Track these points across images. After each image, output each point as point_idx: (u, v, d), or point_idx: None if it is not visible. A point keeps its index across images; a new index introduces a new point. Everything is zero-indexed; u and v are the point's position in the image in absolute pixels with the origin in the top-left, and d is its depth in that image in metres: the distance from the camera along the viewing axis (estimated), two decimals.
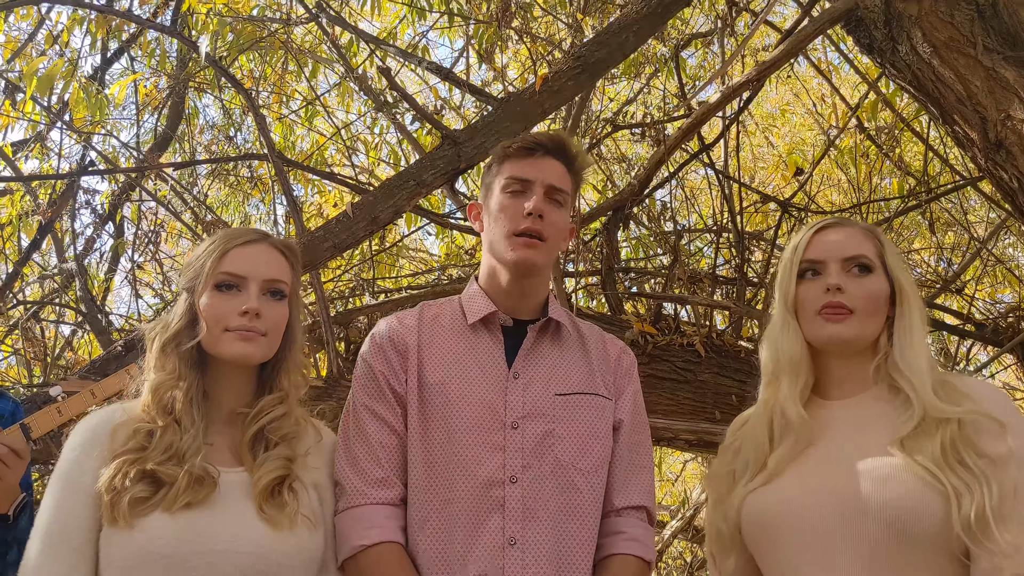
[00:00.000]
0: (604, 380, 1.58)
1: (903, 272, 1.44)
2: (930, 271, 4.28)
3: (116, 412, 1.36)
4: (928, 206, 3.80)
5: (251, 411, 1.39)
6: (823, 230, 1.47)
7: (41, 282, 4.73)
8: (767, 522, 1.34)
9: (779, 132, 6.54)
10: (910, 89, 3.19)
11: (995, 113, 2.92)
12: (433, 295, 3.71)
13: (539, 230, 1.52)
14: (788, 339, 1.44)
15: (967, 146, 3.13)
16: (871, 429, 1.33)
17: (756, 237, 4.43)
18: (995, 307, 4.15)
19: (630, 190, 3.64)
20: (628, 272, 4.26)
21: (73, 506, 1.25)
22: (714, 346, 3.68)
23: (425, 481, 1.45)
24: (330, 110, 5.65)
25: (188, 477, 1.24)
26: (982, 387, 1.36)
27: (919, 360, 1.34)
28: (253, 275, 1.40)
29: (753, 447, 1.41)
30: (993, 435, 1.22)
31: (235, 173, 5.93)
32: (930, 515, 1.19)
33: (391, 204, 2.42)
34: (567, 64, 2.48)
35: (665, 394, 3.68)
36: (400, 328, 1.57)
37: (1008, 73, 2.89)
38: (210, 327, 1.36)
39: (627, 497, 1.52)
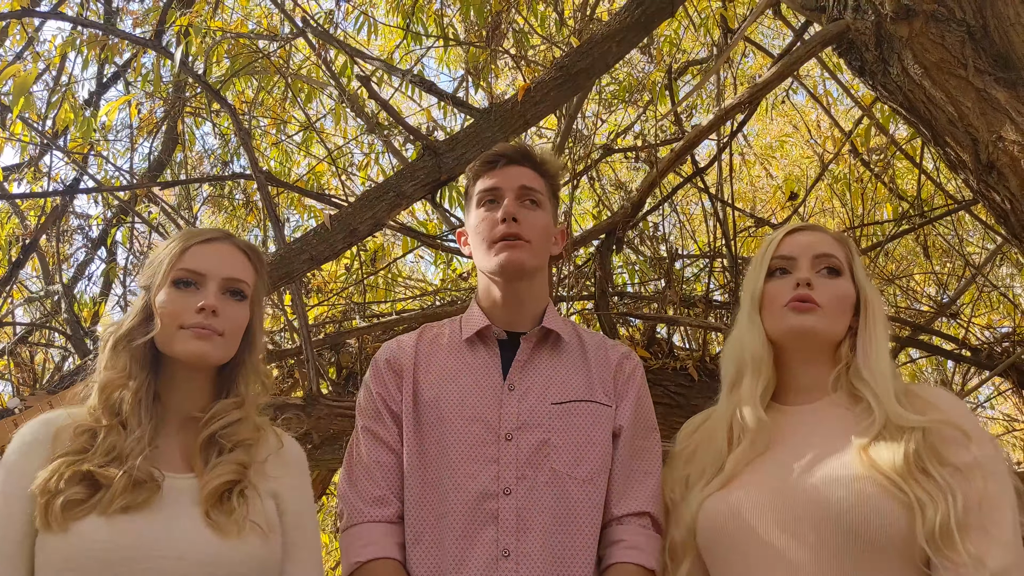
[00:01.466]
0: (603, 387, 1.56)
1: (868, 283, 1.45)
2: (925, 297, 4.26)
3: (60, 415, 1.32)
4: (922, 230, 3.79)
5: (205, 416, 1.34)
6: (795, 232, 1.49)
7: (27, 305, 4.69)
8: (723, 526, 1.31)
9: (778, 163, 6.57)
10: (902, 111, 3.19)
11: (986, 134, 2.91)
12: (424, 319, 3.67)
13: (515, 232, 1.52)
14: (752, 336, 1.44)
15: (959, 168, 3.12)
16: (831, 435, 1.31)
17: (750, 262, 4.42)
18: (991, 333, 4.11)
19: (623, 213, 3.62)
20: (622, 296, 4.23)
21: (10, 513, 1.20)
22: (707, 370, 3.64)
23: (420, 496, 1.45)
24: (325, 135, 5.67)
25: (127, 479, 1.19)
26: (945, 396, 1.35)
27: (882, 369, 1.33)
28: (213, 273, 1.36)
29: (711, 451, 1.40)
30: (957, 444, 1.21)
31: (229, 199, 5.93)
32: (891, 524, 1.17)
33: (370, 216, 2.40)
34: (549, 74, 2.48)
35: (658, 418, 3.62)
36: (398, 350, 1.59)
37: (999, 94, 2.88)
38: (165, 324, 1.32)
39: (627, 504, 1.48)
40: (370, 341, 3.92)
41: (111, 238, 4.79)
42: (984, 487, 1.19)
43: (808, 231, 1.50)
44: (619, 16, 2.42)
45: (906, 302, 4.10)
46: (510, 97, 2.50)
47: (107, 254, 5.39)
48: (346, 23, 7.66)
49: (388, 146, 3.32)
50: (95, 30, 3.39)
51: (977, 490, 1.18)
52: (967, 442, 1.22)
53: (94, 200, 5.50)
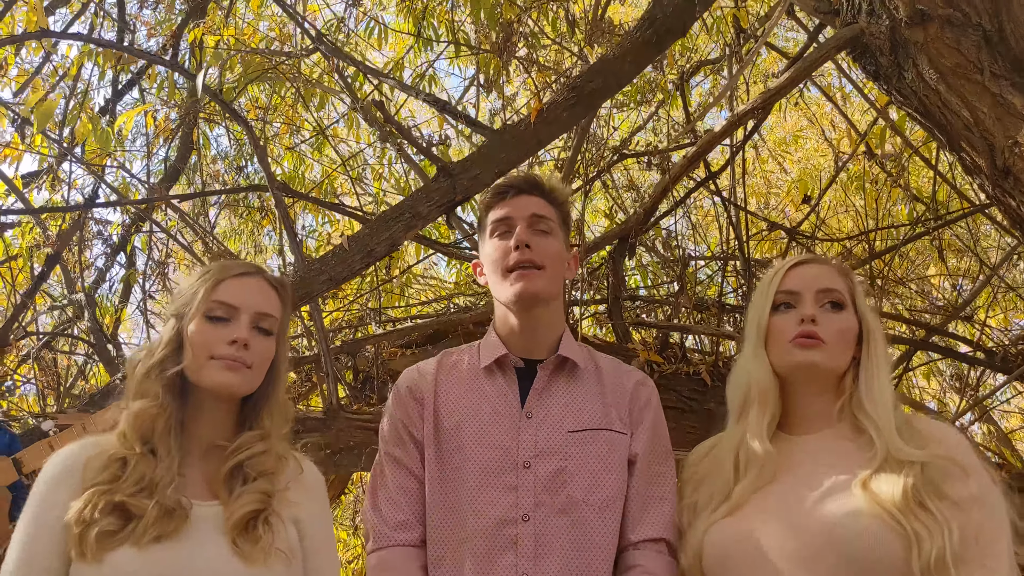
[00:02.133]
0: (619, 414, 1.58)
1: (871, 314, 1.46)
2: (942, 298, 4.23)
3: (89, 445, 1.34)
4: (937, 233, 3.77)
5: (230, 445, 1.37)
6: (798, 265, 1.50)
7: (51, 312, 4.76)
8: (728, 554, 1.33)
9: (792, 158, 6.54)
10: (917, 116, 3.17)
11: (1003, 140, 2.89)
12: (440, 325, 3.70)
13: (529, 259, 1.53)
14: (758, 369, 1.45)
15: (974, 173, 3.10)
16: (834, 466, 1.33)
17: (764, 265, 4.41)
18: (1006, 334, 4.08)
19: (635, 218, 3.63)
20: (635, 300, 4.23)
21: (41, 542, 1.23)
22: (720, 375, 3.64)
23: (442, 521, 1.49)
24: (338, 140, 5.70)
25: (159, 509, 1.22)
26: (944, 430, 1.36)
27: (884, 401, 1.35)
28: (245, 307, 1.40)
29: (719, 480, 1.42)
30: (955, 479, 1.23)
31: (244, 203, 5.98)
32: (890, 556, 1.19)
33: (387, 237, 2.43)
34: (562, 95, 2.48)
35: (671, 423, 3.58)
36: (419, 378, 1.62)
37: (1016, 99, 2.86)
38: (196, 354, 1.35)
39: (644, 530, 1.50)
40: (386, 347, 3.95)
41: (130, 245, 4.85)
42: (980, 522, 1.21)
43: (811, 264, 1.51)
44: (631, 36, 2.42)
45: (923, 302, 4.08)
46: (523, 119, 2.51)
47: (127, 260, 5.46)
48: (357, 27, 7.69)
49: (401, 153, 3.34)
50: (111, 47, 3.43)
51: (974, 524, 1.20)
52: (965, 477, 1.24)
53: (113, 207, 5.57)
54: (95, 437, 1.38)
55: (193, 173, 6.02)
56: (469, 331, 3.79)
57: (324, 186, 6.13)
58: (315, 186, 5.82)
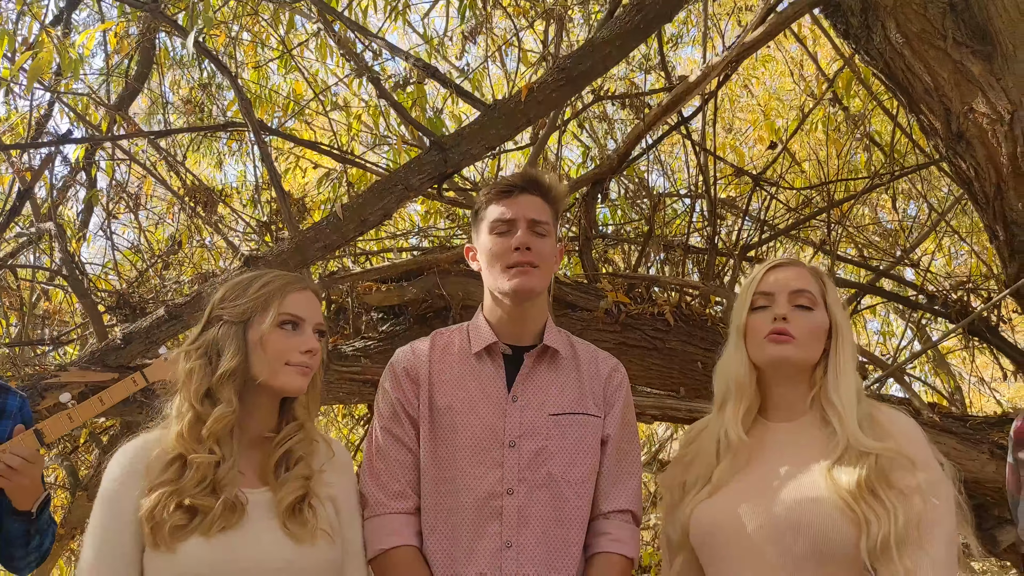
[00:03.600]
0: (594, 398, 1.73)
1: (839, 311, 1.60)
2: (890, 242, 4.47)
3: (150, 443, 1.47)
4: (893, 184, 3.95)
5: (276, 436, 1.50)
6: (775, 268, 1.63)
7: (17, 240, 4.72)
8: (710, 531, 1.52)
9: (760, 80, 6.61)
10: (881, 76, 3.30)
11: (959, 105, 3.04)
12: (416, 264, 3.80)
13: (529, 260, 1.65)
14: (737, 363, 1.61)
15: (931, 134, 3.27)
16: (803, 453, 1.50)
17: (729, 205, 4.57)
18: (949, 279, 4.36)
19: (609, 164, 3.73)
20: (604, 238, 4.36)
21: (118, 531, 1.38)
22: (683, 315, 3.84)
23: (435, 493, 1.64)
24: (308, 62, 5.58)
25: (224, 505, 1.37)
26: (902, 423, 1.52)
27: (848, 394, 1.51)
28: (309, 318, 1.53)
29: (704, 463, 1.59)
30: (904, 470, 1.40)
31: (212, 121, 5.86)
32: (844, 538, 1.37)
33: (380, 207, 2.50)
34: (551, 76, 2.54)
35: (635, 361, 3.86)
36: (414, 358, 1.74)
37: (975, 67, 3.00)
38: (272, 360, 1.47)
39: (614, 502, 1.69)
40: (361, 282, 4.03)
41: (95, 169, 4.78)
42: (923, 509, 1.36)
43: (786, 267, 1.63)
44: (619, 21, 2.47)
45: (877, 248, 4.30)
46: (513, 95, 2.56)
47: (88, 181, 5.37)
48: None
49: (382, 93, 3.35)
50: None
51: (916, 512, 1.35)
52: (913, 469, 1.40)
53: (71, 124, 5.43)
54: (152, 435, 1.49)
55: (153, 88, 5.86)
56: (444, 269, 3.91)
57: (290, 106, 6.05)
58: (283, 108, 5.74)
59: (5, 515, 1.72)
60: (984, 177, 3.07)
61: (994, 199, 3.07)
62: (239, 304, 1.50)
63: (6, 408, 1.84)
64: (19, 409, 1.87)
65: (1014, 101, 2.94)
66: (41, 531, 1.77)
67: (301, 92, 5.95)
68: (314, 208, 5.59)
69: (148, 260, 4.85)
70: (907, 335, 4.50)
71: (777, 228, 4.17)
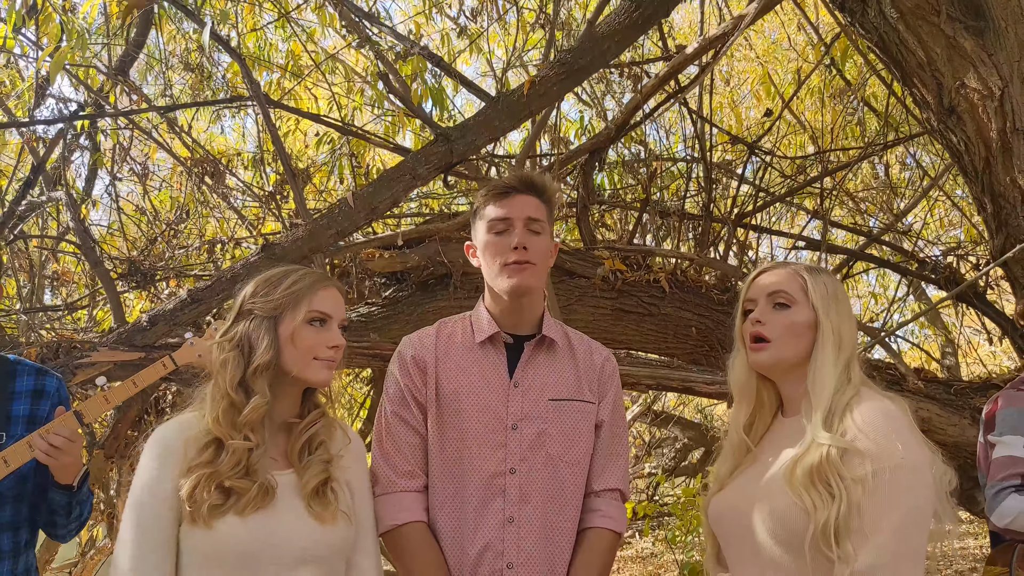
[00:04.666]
0: (589, 385, 1.85)
1: (824, 305, 1.66)
2: (883, 207, 4.54)
3: (184, 427, 1.57)
4: (885, 153, 4.01)
5: (300, 423, 1.62)
6: (760, 275, 1.72)
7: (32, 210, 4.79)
8: (717, 521, 1.67)
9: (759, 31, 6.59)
10: (875, 50, 3.34)
11: (951, 80, 3.09)
12: (419, 232, 3.88)
13: (526, 258, 1.74)
14: (739, 367, 1.72)
15: (923, 107, 3.32)
16: (786, 449, 1.61)
17: (725, 168, 4.63)
18: (938, 244, 4.44)
19: (606, 133, 3.79)
20: (602, 204, 4.44)
21: (156, 509, 1.49)
22: (677, 282, 3.94)
23: (442, 473, 1.77)
24: (308, 22, 5.56)
25: (258, 488, 1.50)
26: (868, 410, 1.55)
27: (823, 388, 1.58)
28: (336, 315, 1.64)
29: (725, 458, 1.72)
30: (856, 460, 1.47)
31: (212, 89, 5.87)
32: (800, 526, 1.47)
33: (389, 196, 2.59)
34: (553, 70, 2.59)
35: (631, 326, 3.98)
36: (420, 347, 1.85)
37: (967, 43, 3.04)
38: (302, 354, 1.58)
39: (605, 481, 1.82)
40: (362, 250, 4.12)
41: (99, 136, 4.83)
42: (867, 498, 1.42)
43: (769, 272, 1.71)
44: (618, 17, 2.51)
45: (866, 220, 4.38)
46: (516, 88, 2.61)
47: (91, 144, 5.42)
48: None
49: (383, 61, 3.40)
50: None
51: (857, 500, 1.42)
52: (864, 461, 1.46)
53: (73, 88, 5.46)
54: (185, 416, 1.60)
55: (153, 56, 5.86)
56: (445, 237, 4.00)
57: (289, 66, 6.05)
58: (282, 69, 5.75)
59: (49, 488, 1.86)
60: (974, 151, 3.14)
61: (983, 172, 3.15)
62: (271, 300, 1.60)
63: (45, 389, 1.96)
64: (56, 390, 1.99)
65: (1004, 77, 2.99)
66: (81, 502, 1.91)
67: (299, 53, 5.96)
68: (316, 172, 5.66)
69: (156, 227, 4.94)
70: (897, 300, 4.61)
71: (772, 194, 4.24)
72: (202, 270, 4.40)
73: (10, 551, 1.89)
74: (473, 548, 1.71)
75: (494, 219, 1.78)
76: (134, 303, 4.56)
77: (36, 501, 1.93)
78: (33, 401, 1.95)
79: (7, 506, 1.87)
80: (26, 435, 1.85)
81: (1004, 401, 2.05)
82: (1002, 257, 3.08)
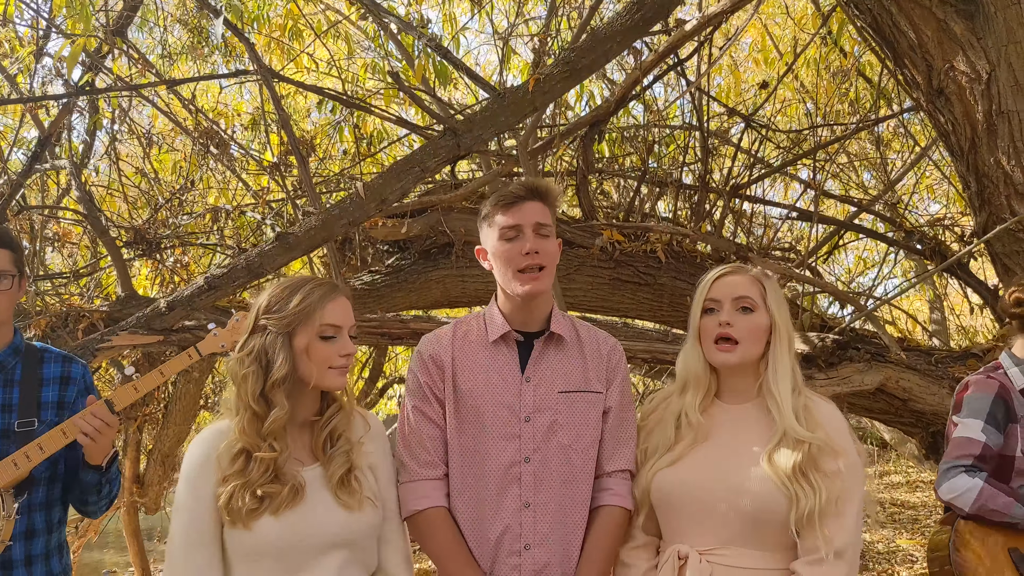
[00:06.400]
0: (597, 375, 1.98)
1: (779, 311, 1.86)
2: (874, 181, 4.65)
3: (219, 434, 1.71)
4: (876, 128, 4.11)
5: (320, 419, 1.76)
6: (722, 276, 1.88)
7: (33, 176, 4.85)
8: (669, 494, 1.84)
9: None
10: (868, 30, 3.42)
11: (941, 63, 3.18)
12: (422, 203, 3.97)
13: (537, 263, 1.87)
14: (694, 359, 1.90)
15: (912, 87, 3.42)
16: (749, 434, 1.82)
17: (721, 137, 4.71)
18: (926, 216, 4.56)
19: (606, 107, 3.87)
20: (600, 173, 4.53)
21: (201, 512, 1.66)
22: (673, 252, 4.07)
23: (461, 463, 1.91)
24: None
25: (289, 490, 1.65)
26: (830, 415, 1.81)
27: (784, 387, 1.81)
28: (345, 324, 1.77)
29: (663, 436, 1.90)
30: (830, 457, 1.73)
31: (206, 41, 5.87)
32: (779, 509, 1.71)
33: (398, 187, 2.69)
34: (557, 68, 2.67)
35: (628, 295, 4.12)
36: (438, 346, 1.98)
37: (957, 27, 3.13)
38: (318, 366, 1.71)
39: (615, 463, 1.96)
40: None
41: (101, 101, 4.86)
42: (841, 489, 1.70)
43: (731, 275, 1.88)
44: (620, 18, 2.58)
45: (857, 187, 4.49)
46: (521, 85, 2.69)
47: (89, 105, 5.44)
48: None
49: (390, 35, 3.45)
50: None
51: (835, 491, 1.69)
52: (836, 456, 1.73)
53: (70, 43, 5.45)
54: (221, 425, 1.73)
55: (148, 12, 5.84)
56: (447, 207, 4.10)
57: (288, 27, 6.05)
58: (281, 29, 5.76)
59: (80, 469, 2.00)
60: (960, 131, 3.25)
61: (968, 152, 3.26)
62: (284, 316, 1.71)
63: (71, 375, 2.08)
64: (82, 376, 2.11)
65: (992, 61, 3.09)
66: (110, 481, 2.05)
67: (298, 12, 5.95)
68: (317, 133, 5.71)
69: (157, 190, 5.00)
70: (884, 271, 4.76)
71: (766, 166, 4.35)
72: (207, 239, 4.50)
73: (44, 528, 2.03)
74: (493, 532, 1.86)
75: (505, 227, 1.90)
76: (140, 270, 4.66)
77: (67, 481, 2.07)
78: (61, 387, 2.07)
79: (41, 488, 2.01)
80: (55, 419, 1.99)
81: (973, 387, 2.21)
82: (985, 236, 3.22)
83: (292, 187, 4.14)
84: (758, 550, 1.75)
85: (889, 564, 5.84)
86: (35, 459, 1.89)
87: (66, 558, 2.10)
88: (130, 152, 6.27)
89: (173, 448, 5.68)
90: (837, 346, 3.34)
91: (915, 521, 7.47)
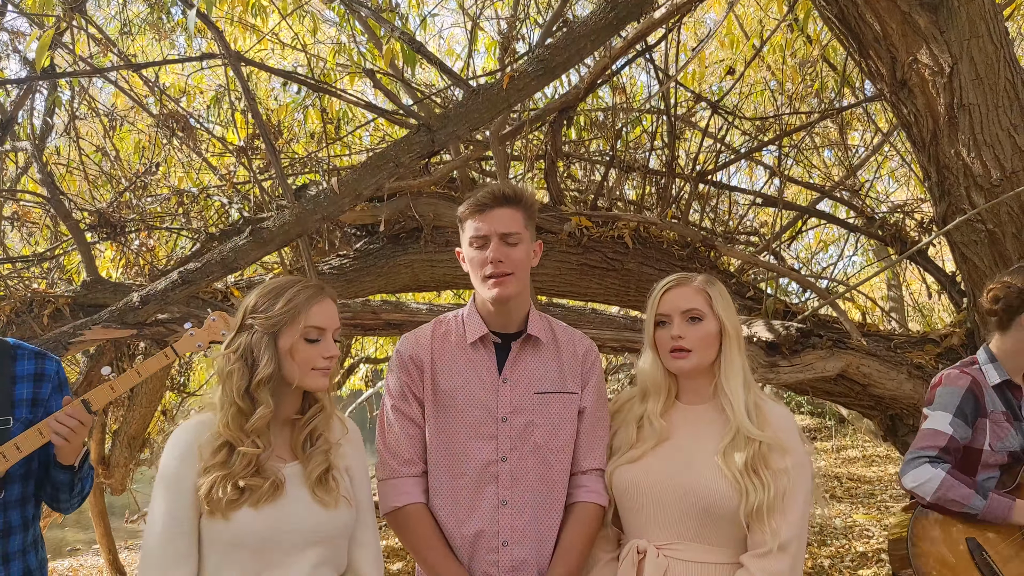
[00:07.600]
0: (572, 375, 2.02)
1: (727, 315, 1.95)
2: (838, 167, 4.73)
3: (200, 429, 1.72)
4: (840, 115, 4.17)
5: (301, 419, 1.78)
6: (668, 291, 1.97)
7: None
8: (628, 490, 1.93)
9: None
10: (834, 21, 3.45)
11: (905, 55, 3.23)
12: (392, 189, 3.95)
13: (503, 271, 1.89)
14: (652, 369, 2.00)
15: (876, 79, 3.47)
16: (704, 434, 1.91)
17: (687, 120, 4.75)
18: (886, 202, 4.66)
19: (575, 93, 3.87)
20: (568, 157, 4.54)
21: (180, 504, 1.66)
22: (640, 238, 4.11)
23: (440, 461, 1.95)
24: None
25: (270, 485, 1.66)
26: (780, 416, 1.91)
27: (736, 386, 1.91)
28: (329, 327, 1.78)
29: (626, 435, 1.99)
30: (779, 455, 1.83)
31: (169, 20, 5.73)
32: (730, 504, 1.81)
33: (373, 182, 2.67)
34: (531, 66, 2.66)
35: (595, 280, 4.16)
36: (417, 346, 2.01)
37: (921, 20, 3.18)
38: (302, 367, 1.73)
39: (589, 462, 2.01)
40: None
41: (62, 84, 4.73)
42: (788, 485, 1.81)
43: (677, 288, 1.97)
44: (594, 17, 2.57)
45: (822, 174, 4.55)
46: (496, 83, 2.68)
47: (49, 85, 5.30)
48: None
49: (361, 23, 3.41)
50: None
51: (783, 487, 1.80)
52: (784, 454, 1.83)
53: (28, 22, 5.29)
54: (201, 418, 1.74)
55: None
56: (416, 191, 4.09)
57: (252, 3, 5.93)
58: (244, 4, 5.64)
59: (51, 467, 1.99)
60: (922, 123, 3.32)
61: (930, 144, 3.33)
62: (271, 317, 1.73)
63: (45, 372, 2.05)
64: (56, 372, 2.08)
65: (955, 55, 3.14)
66: (83, 478, 2.04)
67: None
68: (284, 114, 5.63)
69: (119, 169, 4.90)
70: (846, 256, 4.85)
71: (732, 152, 4.39)
72: (172, 223, 4.43)
73: (20, 525, 2.02)
74: (470, 529, 1.91)
75: (473, 236, 1.94)
76: (105, 253, 4.58)
77: (40, 478, 2.05)
78: (35, 384, 2.04)
79: (16, 485, 1.99)
80: (29, 416, 1.97)
81: (946, 380, 2.29)
82: (945, 227, 3.30)
83: (258, 169, 4.08)
84: (712, 545, 1.85)
85: (847, 540, 6.03)
86: (12, 459, 1.88)
87: (42, 552, 2.10)
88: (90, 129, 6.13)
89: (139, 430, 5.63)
90: (800, 334, 3.42)
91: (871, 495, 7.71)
